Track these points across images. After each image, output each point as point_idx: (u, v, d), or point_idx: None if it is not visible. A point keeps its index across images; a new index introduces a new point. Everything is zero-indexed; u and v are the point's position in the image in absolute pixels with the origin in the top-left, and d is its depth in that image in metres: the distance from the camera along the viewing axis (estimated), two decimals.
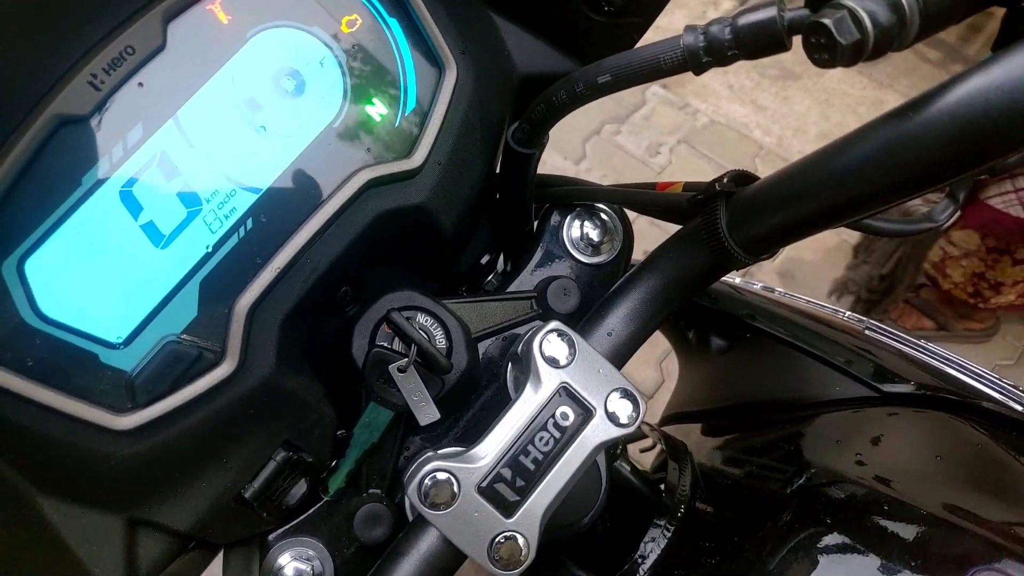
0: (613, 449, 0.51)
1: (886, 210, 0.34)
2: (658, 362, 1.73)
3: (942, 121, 0.27)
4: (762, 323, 0.56)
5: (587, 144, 2.16)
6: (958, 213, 0.36)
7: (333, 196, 0.35)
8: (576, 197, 0.47)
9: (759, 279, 1.92)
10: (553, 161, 2.12)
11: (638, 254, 0.48)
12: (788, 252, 1.96)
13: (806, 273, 1.94)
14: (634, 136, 2.18)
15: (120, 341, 0.32)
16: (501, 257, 0.51)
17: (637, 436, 0.59)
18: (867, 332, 0.56)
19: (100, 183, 0.31)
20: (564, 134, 2.17)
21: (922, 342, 0.55)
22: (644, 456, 0.59)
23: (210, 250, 0.33)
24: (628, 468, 0.52)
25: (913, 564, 0.38)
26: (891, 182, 0.31)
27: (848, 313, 0.59)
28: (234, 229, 0.34)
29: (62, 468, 0.32)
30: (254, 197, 0.34)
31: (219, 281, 0.33)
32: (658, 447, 0.57)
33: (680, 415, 0.61)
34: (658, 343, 0.73)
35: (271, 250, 0.34)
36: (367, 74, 0.36)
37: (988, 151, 0.26)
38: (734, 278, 0.66)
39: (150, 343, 0.32)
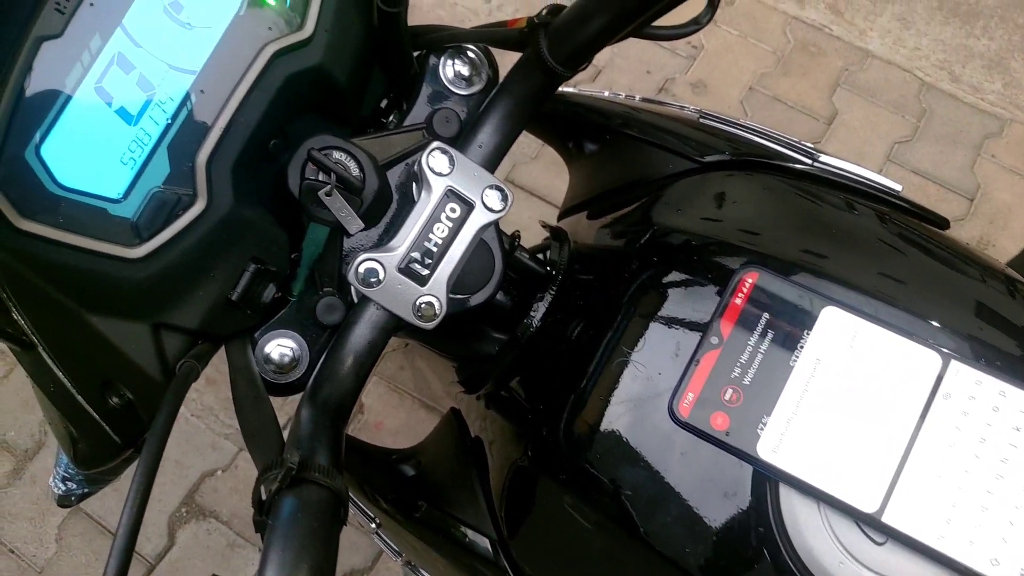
0: (512, 241, 0.66)
1: (655, 18, 0.47)
2: None
3: None
4: (619, 125, 0.70)
5: None
6: (714, 14, 0.49)
7: (251, 68, 0.46)
8: (445, 41, 0.58)
9: (673, 92, 2.03)
10: (465, 2, 2.15)
11: None
12: (698, 68, 2.07)
13: (716, 81, 2.06)
14: None
15: (120, 196, 0.45)
16: (398, 100, 0.63)
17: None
18: (701, 120, 0.70)
19: (79, 82, 0.43)
20: None
21: (743, 120, 0.69)
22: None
23: (169, 121, 0.45)
24: (526, 255, 0.67)
25: (711, 275, 0.55)
26: None
27: (691, 107, 0.73)
28: (183, 103, 0.45)
29: (99, 291, 0.46)
30: (192, 77, 0.46)
31: (181, 143, 0.46)
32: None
33: (569, 209, 0.76)
34: None
35: (214, 114, 0.46)
36: None
37: None
38: (602, 91, 0.79)
39: (142, 195, 0.45)
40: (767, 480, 0.50)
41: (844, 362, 0.50)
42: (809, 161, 0.63)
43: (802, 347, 0.50)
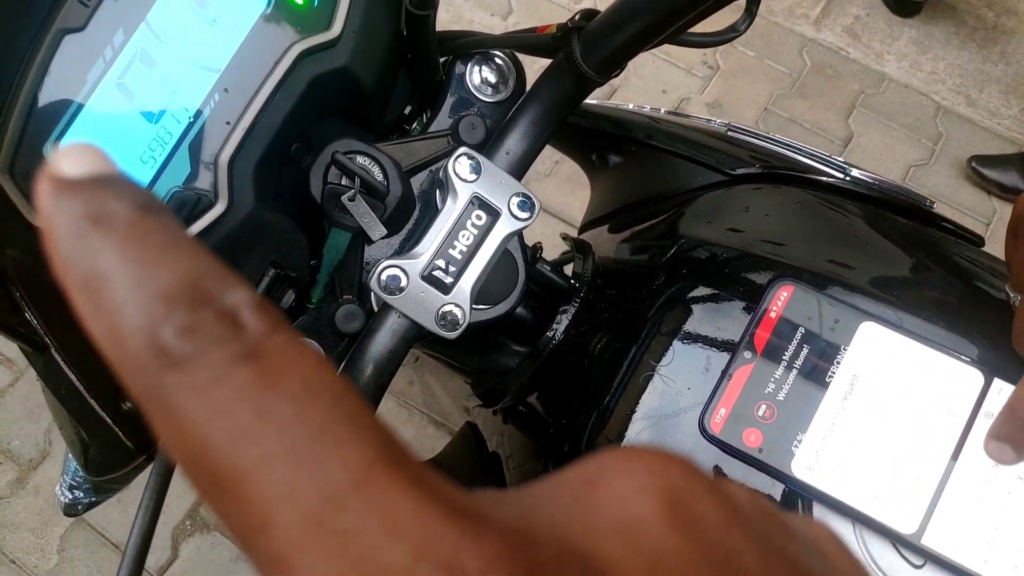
0: (534, 253, 0.64)
1: (692, 24, 0.46)
2: None
3: None
4: (644, 137, 0.69)
5: None
6: (752, 21, 0.48)
7: (276, 67, 0.45)
8: (473, 47, 0.57)
9: (689, 111, 2.02)
10: (481, 19, 2.15)
11: None
12: (713, 88, 2.06)
13: (731, 102, 2.05)
14: None
15: None
16: (422, 107, 0.62)
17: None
18: (729, 133, 0.69)
19: (100, 78, 0.41)
20: None
21: (772, 135, 0.68)
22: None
23: (191, 120, 0.44)
24: (548, 267, 0.66)
25: (742, 289, 0.53)
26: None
27: (718, 120, 0.72)
28: (206, 101, 0.44)
29: None
30: (216, 75, 0.45)
31: (203, 142, 0.45)
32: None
33: (590, 222, 0.75)
34: None
35: (237, 114, 0.45)
36: None
37: None
38: (627, 104, 0.77)
39: (161, 195, 0.44)
40: (800, 499, 0.48)
41: (882, 379, 0.48)
42: (841, 175, 0.62)
43: (839, 363, 0.49)
